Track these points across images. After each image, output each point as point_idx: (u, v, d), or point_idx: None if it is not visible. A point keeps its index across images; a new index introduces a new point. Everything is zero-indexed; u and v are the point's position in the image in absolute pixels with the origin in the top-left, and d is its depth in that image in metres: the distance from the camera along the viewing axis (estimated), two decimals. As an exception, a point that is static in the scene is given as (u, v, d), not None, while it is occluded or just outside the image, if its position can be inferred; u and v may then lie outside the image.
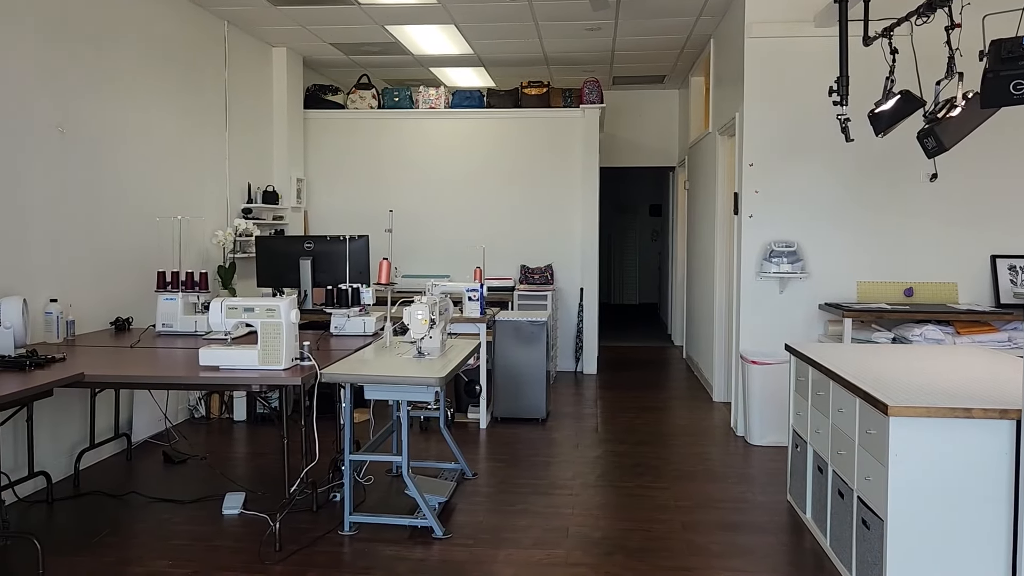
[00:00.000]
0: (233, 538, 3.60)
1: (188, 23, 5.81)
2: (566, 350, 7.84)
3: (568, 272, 7.78)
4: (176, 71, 5.65)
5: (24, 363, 3.48)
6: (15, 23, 4.10)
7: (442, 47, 7.28)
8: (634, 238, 14.01)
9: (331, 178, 7.95)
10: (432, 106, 7.84)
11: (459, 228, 7.86)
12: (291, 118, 7.43)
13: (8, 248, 4.08)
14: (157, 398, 5.27)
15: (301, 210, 7.67)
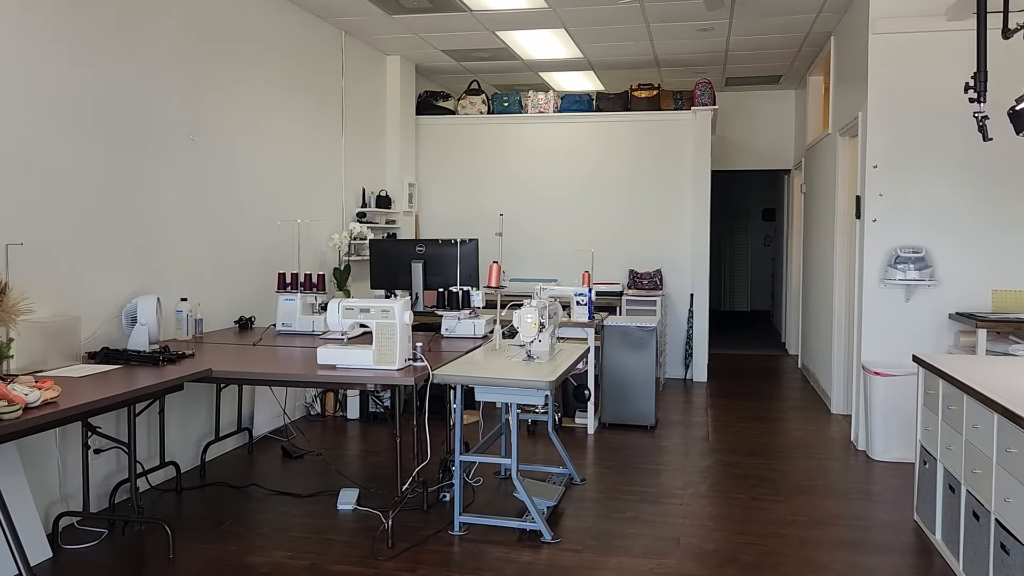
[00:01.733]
0: (348, 533, 3.69)
1: (309, 34, 6.03)
2: (675, 356, 7.69)
3: (677, 277, 7.64)
4: (297, 80, 5.88)
5: (157, 358, 3.68)
6: (156, 40, 4.36)
7: (552, 51, 7.29)
8: (746, 243, 13.64)
9: (441, 183, 8.09)
10: (541, 111, 7.86)
11: (567, 232, 7.85)
12: (403, 124, 7.60)
13: (144, 250, 4.33)
14: (277, 395, 5.48)
15: (412, 214, 7.83)
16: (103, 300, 4.04)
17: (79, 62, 3.86)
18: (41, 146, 3.66)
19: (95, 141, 3.97)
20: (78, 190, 3.87)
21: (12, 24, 3.49)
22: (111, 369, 3.53)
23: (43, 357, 3.52)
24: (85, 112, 3.90)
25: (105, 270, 4.05)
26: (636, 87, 7.73)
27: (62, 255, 3.78)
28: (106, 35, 4.02)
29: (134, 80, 4.22)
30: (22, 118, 3.56)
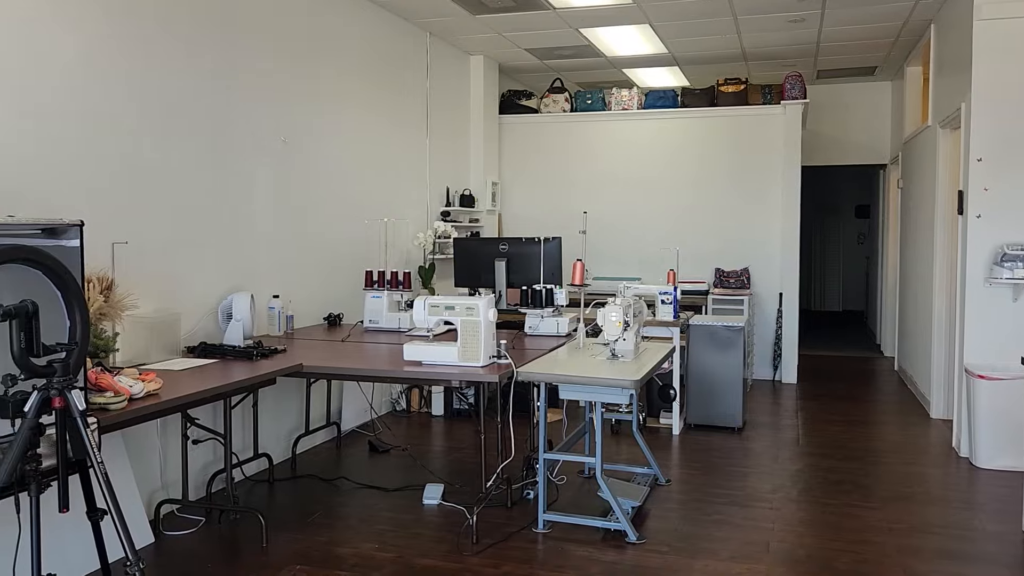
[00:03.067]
0: (433, 527, 3.74)
1: (395, 36, 6.13)
2: (763, 357, 7.50)
3: (766, 276, 7.44)
4: (384, 82, 5.98)
5: (251, 353, 3.80)
6: (248, 48, 4.51)
7: (635, 48, 7.20)
8: (838, 241, 13.18)
9: (524, 181, 8.11)
10: (625, 108, 7.78)
11: (651, 230, 7.75)
12: (487, 123, 7.64)
13: (239, 249, 4.48)
14: (364, 390, 5.60)
15: (495, 213, 7.87)
16: (201, 297, 4.20)
17: (177, 72, 4.02)
18: (144, 151, 3.83)
19: (193, 145, 4.13)
20: (178, 192, 4.04)
21: (115, 38, 3.66)
22: (208, 363, 3.66)
23: (146, 351, 3.68)
24: (183, 118, 4.07)
25: (203, 268, 4.21)
26: (722, 82, 7.57)
27: (163, 253, 3.95)
28: (201, 44, 4.18)
29: (228, 86, 4.38)
30: (126, 126, 3.73)
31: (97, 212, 3.58)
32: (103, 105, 3.60)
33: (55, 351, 2.36)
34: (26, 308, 2.27)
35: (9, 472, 2.23)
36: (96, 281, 3.38)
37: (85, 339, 2.52)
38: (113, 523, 2.32)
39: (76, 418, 2.33)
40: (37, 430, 2.29)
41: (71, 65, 3.44)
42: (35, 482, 2.31)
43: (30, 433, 2.27)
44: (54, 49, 3.36)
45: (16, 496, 2.33)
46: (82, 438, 2.34)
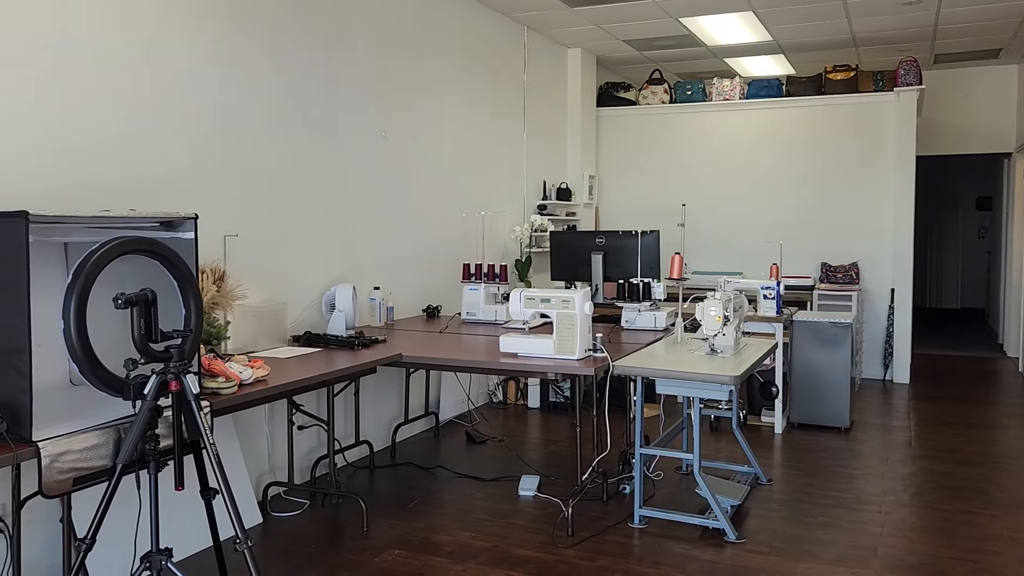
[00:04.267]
0: (528, 519, 3.75)
1: (492, 31, 6.17)
2: (873, 356, 7.18)
3: (876, 271, 7.12)
4: (482, 76, 6.03)
5: (353, 343, 3.91)
6: (350, 46, 4.63)
7: (738, 36, 7.01)
8: (956, 234, 12.48)
9: (621, 174, 8.02)
10: (726, 98, 7.59)
11: (753, 223, 7.53)
12: (584, 116, 7.60)
13: (341, 241, 4.61)
14: (461, 381, 5.67)
15: (592, 206, 7.83)
16: (306, 287, 4.35)
17: (283, 70, 4.16)
18: (253, 147, 3.99)
19: (299, 141, 4.28)
20: (285, 187, 4.19)
21: (227, 39, 3.82)
22: (312, 352, 3.78)
23: (254, 339, 3.84)
24: (289, 116, 4.21)
25: (308, 260, 4.36)
26: (831, 69, 7.27)
27: (271, 246, 4.11)
28: (307, 44, 4.31)
29: (332, 84, 4.50)
30: (237, 124, 3.89)
31: (210, 206, 3.75)
32: (216, 104, 3.77)
33: (172, 337, 2.49)
34: (146, 296, 2.40)
35: (130, 451, 2.36)
36: (209, 272, 3.54)
37: (199, 326, 2.64)
38: (224, 502, 2.43)
39: (191, 401, 2.45)
40: (155, 412, 2.42)
41: (188, 65, 3.61)
42: (153, 461, 2.44)
43: (149, 415, 2.40)
44: (172, 50, 3.53)
45: (136, 473, 2.47)
46: (196, 420, 2.45)
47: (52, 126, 3.05)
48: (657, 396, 5.73)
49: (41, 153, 3.02)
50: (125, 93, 3.34)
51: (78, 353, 2.32)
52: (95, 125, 3.22)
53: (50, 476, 2.24)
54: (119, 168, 3.32)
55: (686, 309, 4.76)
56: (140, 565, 2.42)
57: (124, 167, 3.34)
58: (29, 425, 2.24)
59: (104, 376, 2.39)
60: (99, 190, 3.24)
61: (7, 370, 2.27)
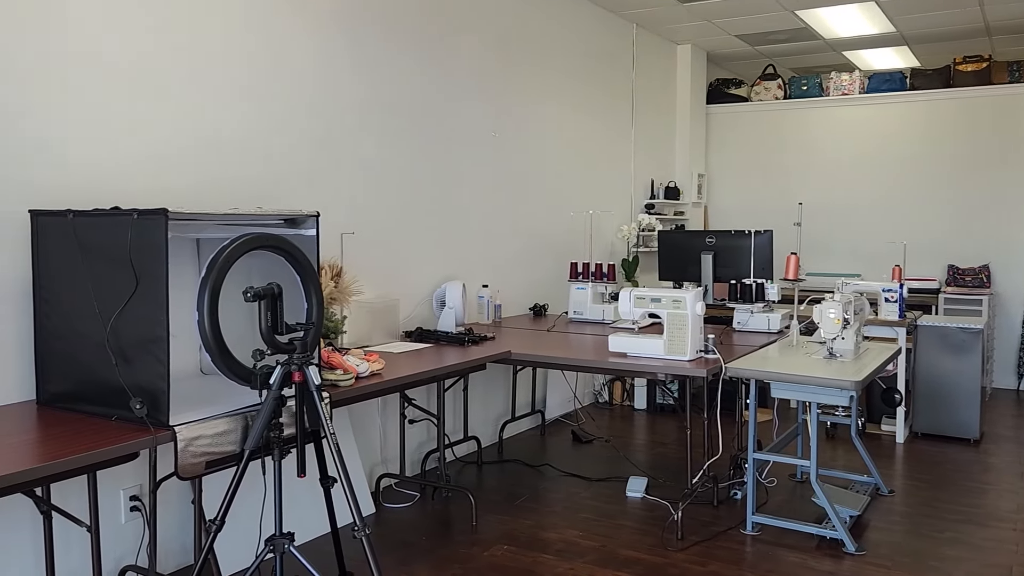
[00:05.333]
0: (636, 520, 3.71)
1: (601, 29, 6.14)
2: (1005, 364, 6.75)
3: (1010, 274, 6.69)
4: (589, 75, 6.01)
5: (463, 339, 3.96)
6: (462, 45, 4.70)
7: (858, 28, 6.72)
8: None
9: (732, 173, 7.83)
10: (845, 92, 7.29)
11: (873, 223, 7.21)
12: (693, 114, 7.47)
13: (451, 239, 4.69)
14: (568, 380, 5.67)
15: (701, 205, 7.68)
16: (417, 284, 4.44)
17: (398, 72, 4.26)
18: (369, 148, 4.11)
19: (411, 141, 4.37)
20: (398, 185, 4.29)
21: (344, 42, 3.94)
22: (423, 347, 3.86)
23: (368, 334, 3.95)
24: (403, 116, 4.31)
25: (419, 257, 4.45)
26: (960, 60, 6.88)
27: (385, 243, 4.22)
28: (419, 45, 4.40)
29: (443, 85, 4.58)
30: (354, 125, 4.01)
31: (329, 204, 3.88)
32: (335, 106, 3.90)
33: (295, 330, 2.59)
34: (272, 290, 2.51)
35: (256, 438, 2.47)
36: (327, 268, 3.67)
37: (320, 320, 2.74)
38: (343, 490, 2.50)
39: (313, 392, 2.54)
40: (280, 401, 2.53)
41: (307, 68, 3.75)
42: (277, 448, 2.54)
43: (274, 404, 2.50)
44: (293, 54, 3.68)
45: (262, 460, 2.58)
46: (317, 410, 2.54)
47: (185, 127, 3.23)
48: (771, 400, 5.57)
49: (175, 153, 3.20)
50: (251, 96, 3.49)
51: (211, 343, 2.44)
52: (224, 127, 3.38)
53: (185, 459, 2.37)
54: (245, 167, 3.48)
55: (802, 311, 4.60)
56: (265, 547, 2.52)
57: (249, 166, 3.50)
58: (166, 410, 2.37)
59: (233, 366, 2.50)
60: (227, 189, 3.41)
61: (146, 358, 2.42)
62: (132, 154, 3.04)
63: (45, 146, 2.77)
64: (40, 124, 2.75)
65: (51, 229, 2.64)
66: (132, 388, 2.43)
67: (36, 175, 2.75)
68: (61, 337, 2.63)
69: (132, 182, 3.05)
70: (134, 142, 3.04)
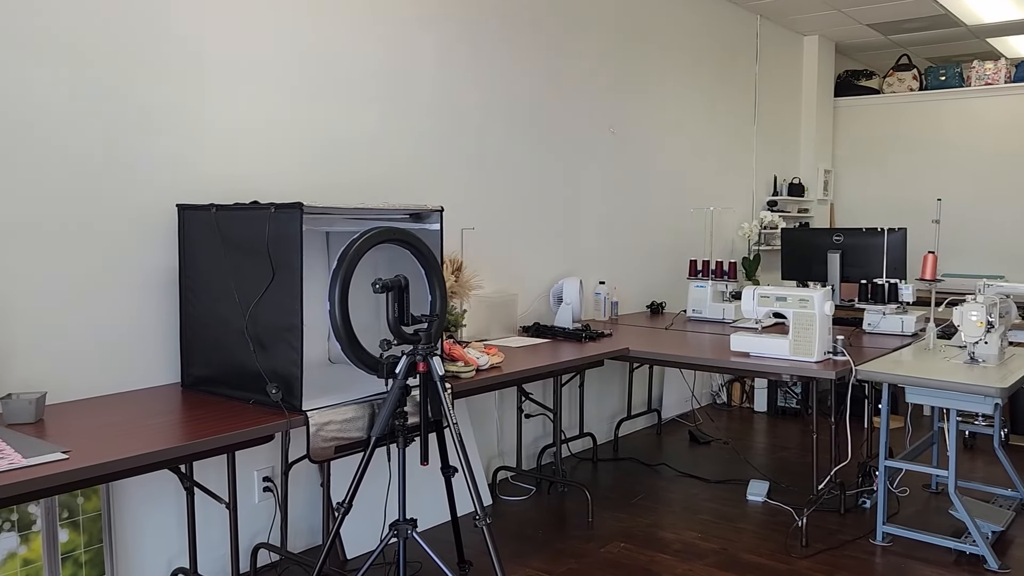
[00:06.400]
0: (757, 524, 3.61)
1: (723, 21, 5.99)
2: None
3: None
4: (710, 69, 5.88)
5: (580, 335, 3.95)
6: (581, 41, 4.68)
7: (1005, 12, 6.29)
8: None
9: (861, 168, 7.48)
10: (988, 82, 6.84)
11: (1016, 221, 6.73)
12: (820, 107, 7.18)
13: (568, 235, 4.69)
14: (686, 379, 5.57)
15: (827, 202, 7.38)
16: (535, 280, 4.46)
17: (517, 69, 4.30)
18: (488, 145, 4.16)
19: (530, 137, 4.40)
20: (517, 182, 4.32)
21: (464, 41, 4.00)
22: (541, 342, 3.88)
23: (486, 328, 4.00)
24: (522, 113, 4.34)
25: (537, 253, 4.47)
26: (1122, 43, 6.33)
27: (503, 239, 4.26)
28: (538, 43, 4.42)
29: (562, 81, 4.58)
30: (474, 122, 4.07)
31: (449, 200, 3.96)
32: (455, 104, 3.97)
33: (420, 321, 2.65)
34: (399, 282, 2.58)
35: (382, 425, 2.54)
36: (448, 262, 3.74)
37: (443, 312, 2.79)
38: (465, 480, 2.55)
39: (436, 382, 2.59)
40: (405, 391, 2.59)
41: (429, 70, 3.83)
42: (402, 436, 2.61)
43: (400, 393, 2.57)
44: (417, 55, 3.77)
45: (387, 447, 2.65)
46: (441, 401, 2.60)
47: (316, 129, 3.36)
48: (901, 407, 5.29)
49: (307, 153, 3.34)
50: (377, 96, 3.60)
51: (341, 332, 2.53)
52: (351, 125, 3.50)
53: (316, 443, 2.47)
54: (371, 164, 3.59)
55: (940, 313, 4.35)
56: (389, 532, 2.60)
57: (375, 163, 3.61)
58: (299, 396, 2.48)
59: (362, 355, 2.59)
60: (354, 186, 3.52)
61: (281, 345, 2.53)
62: (268, 153, 3.19)
63: (191, 145, 2.94)
64: (187, 125, 2.93)
65: (195, 222, 2.80)
66: (268, 374, 2.55)
67: (183, 172, 2.93)
68: (203, 324, 2.79)
69: (268, 179, 3.20)
70: (270, 142, 3.19)
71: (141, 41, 2.78)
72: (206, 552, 3.02)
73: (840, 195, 7.57)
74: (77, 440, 2.13)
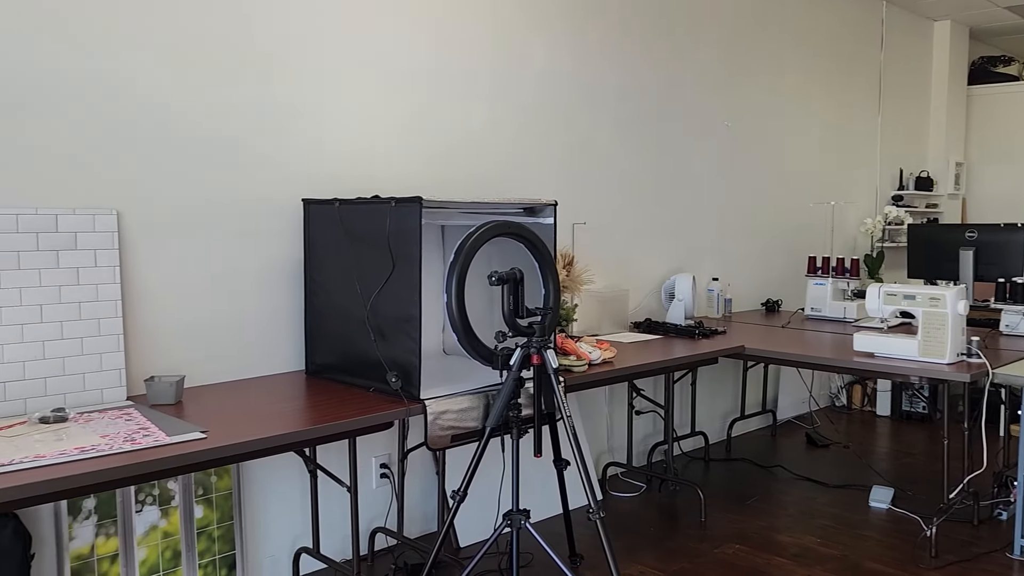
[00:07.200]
0: (881, 532, 3.45)
1: (844, 8, 5.75)
2: None
3: None
4: (830, 57, 5.65)
5: (693, 332, 3.88)
6: (694, 34, 4.59)
7: None
8: None
9: (997, 160, 7.02)
10: None
11: None
12: (951, 96, 6.78)
13: (681, 230, 4.61)
14: (804, 380, 5.38)
15: (958, 197, 6.97)
16: (646, 275, 4.41)
17: (630, 63, 4.25)
18: (599, 139, 4.13)
19: (643, 132, 4.35)
20: (628, 176, 4.28)
21: (573, 37, 3.99)
22: (652, 338, 3.83)
23: (598, 323, 3.98)
24: (634, 107, 4.29)
25: (648, 248, 4.42)
26: None
27: (615, 234, 4.23)
28: (650, 37, 4.36)
29: (675, 75, 4.51)
30: (584, 118, 4.06)
31: (560, 195, 3.96)
32: (566, 100, 3.96)
33: (534, 314, 2.67)
34: (515, 275, 2.60)
35: (497, 416, 2.57)
36: (560, 257, 3.74)
37: (557, 305, 2.80)
38: (579, 473, 2.55)
39: (550, 375, 2.60)
40: (519, 383, 2.62)
41: (541, 66, 3.84)
42: (516, 427, 2.63)
43: (514, 384, 2.59)
44: (527, 53, 3.78)
45: (502, 437, 2.68)
46: (554, 393, 2.61)
47: (432, 125, 3.43)
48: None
49: (425, 148, 3.41)
50: (494, 96, 3.64)
51: (457, 324, 2.58)
52: (463, 123, 3.55)
53: (434, 431, 2.52)
54: (482, 161, 3.63)
55: (1087, 314, 4.04)
56: (502, 522, 2.63)
57: (485, 160, 3.65)
58: (418, 384, 2.54)
59: (477, 346, 2.63)
60: (465, 181, 3.58)
61: (400, 335, 2.60)
62: (387, 149, 3.28)
63: (316, 142, 3.06)
64: (312, 122, 3.04)
65: (319, 216, 2.91)
66: (388, 363, 2.63)
67: (308, 168, 3.05)
68: (326, 314, 2.89)
69: (383, 175, 3.29)
70: (389, 138, 3.28)
71: (270, 43, 2.91)
72: (326, 533, 3.14)
73: (973, 189, 7.13)
74: (212, 421, 2.26)
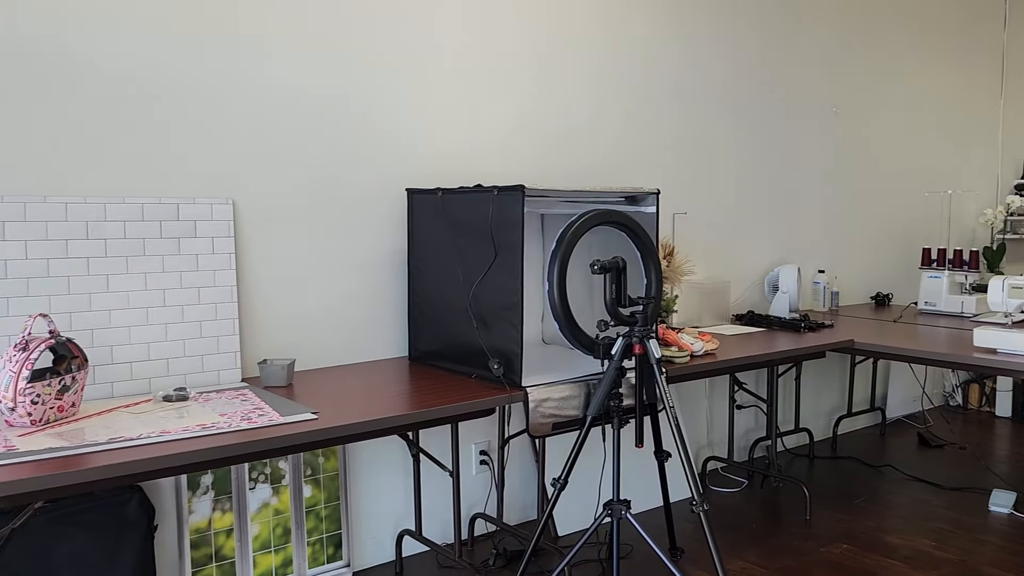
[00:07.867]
0: (1003, 537, 3.27)
1: (968, -14, 5.45)
2: None
3: None
4: (946, 39, 5.36)
5: (798, 325, 3.77)
6: (801, 18, 4.44)
7: None
8: None
9: None
10: None
11: None
12: (1084, 77, 6.33)
13: (786, 221, 4.47)
14: (917, 377, 5.15)
15: (1090, 185, 6.50)
16: (748, 267, 4.31)
17: (735, 49, 4.15)
18: (703, 128, 4.05)
19: (747, 120, 4.23)
20: (731, 165, 4.18)
21: (684, 25, 3.92)
22: (755, 331, 3.73)
23: (698, 314, 3.91)
24: (739, 95, 4.19)
25: (751, 239, 4.31)
26: None
27: (716, 224, 4.14)
28: (756, 22, 4.24)
29: (781, 60, 4.37)
30: (688, 105, 3.98)
31: (660, 185, 3.90)
32: (670, 89, 3.90)
33: (636, 304, 2.64)
34: (617, 264, 2.58)
35: (598, 405, 2.57)
36: (661, 247, 3.69)
37: (659, 295, 2.77)
38: (682, 465, 2.51)
39: (653, 365, 2.57)
40: (620, 372, 2.60)
41: (641, 53, 3.79)
42: (617, 417, 2.62)
43: (616, 374, 2.58)
44: (631, 37, 3.74)
45: (603, 427, 2.68)
46: (656, 384, 2.58)
47: (533, 116, 3.44)
48: None
49: (525, 138, 3.42)
50: (594, 85, 3.62)
51: (559, 312, 2.58)
52: (568, 114, 3.54)
53: (535, 419, 2.54)
54: (582, 149, 3.62)
55: None
56: (603, 511, 2.62)
57: (586, 149, 3.63)
58: (519, 372, 2.55)
59: (579, 335, 2.62)
60: (566, 169, 3.57)
61: (502, 324, 2.62)
62: (488, 139, 3.31)
63: (418, 133, 3.11)
64: (414, 115, 3.10)
65: (422, 205, 2.96)
66: (490, 350, 2.65)
67: (412, 158, 3.10)
68: (429, 302, 2.95)
69: (486, 163, 3.32)
70: (490, 129, 3.31)
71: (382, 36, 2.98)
72: (428, 517, 3.20)
73: (1106, 177, 6.64)
74: (321, 403, 2.33)
